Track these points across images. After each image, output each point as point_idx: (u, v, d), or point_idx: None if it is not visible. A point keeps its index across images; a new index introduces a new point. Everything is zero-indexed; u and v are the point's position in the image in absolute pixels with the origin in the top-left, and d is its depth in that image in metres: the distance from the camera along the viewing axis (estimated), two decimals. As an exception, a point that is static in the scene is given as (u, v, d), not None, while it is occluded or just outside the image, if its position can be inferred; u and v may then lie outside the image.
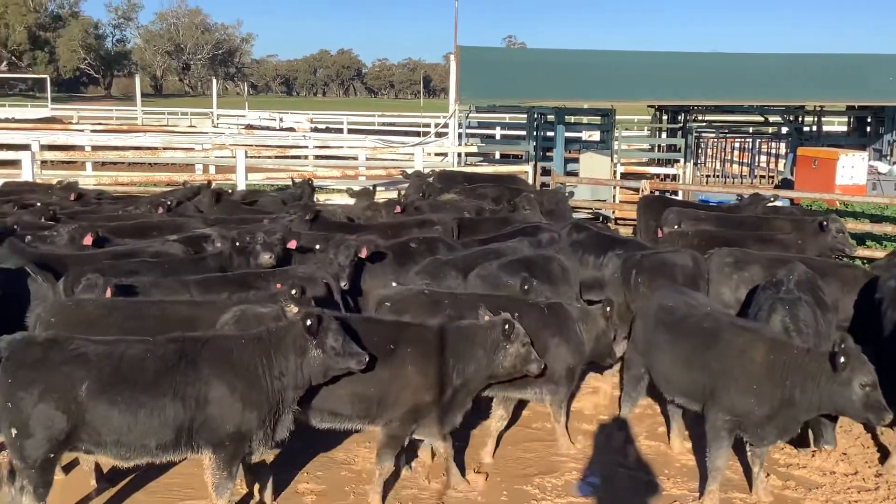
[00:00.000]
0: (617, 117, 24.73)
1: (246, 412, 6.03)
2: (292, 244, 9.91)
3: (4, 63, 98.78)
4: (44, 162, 18.71)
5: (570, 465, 7.67)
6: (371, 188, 14.93)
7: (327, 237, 10.17)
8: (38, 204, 12.56)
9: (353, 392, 6.65)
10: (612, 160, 22.41)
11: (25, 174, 16.86)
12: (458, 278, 9.10)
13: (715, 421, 6.86)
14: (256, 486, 6.80)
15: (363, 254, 9.37)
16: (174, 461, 6.46)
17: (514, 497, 7.08)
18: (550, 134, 22.81)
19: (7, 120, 36.71)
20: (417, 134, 35.22)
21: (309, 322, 6.09)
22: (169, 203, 12.94)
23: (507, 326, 6.80)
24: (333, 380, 6.44)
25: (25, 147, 18.52)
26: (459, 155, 23.61)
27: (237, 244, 9.42)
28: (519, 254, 9.69)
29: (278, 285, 7.52)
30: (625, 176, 23.14)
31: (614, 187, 20.44)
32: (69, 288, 8.02)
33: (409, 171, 17.25)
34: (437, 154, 24.78)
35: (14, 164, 20.00)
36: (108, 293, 7.65)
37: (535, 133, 23.47)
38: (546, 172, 20.98)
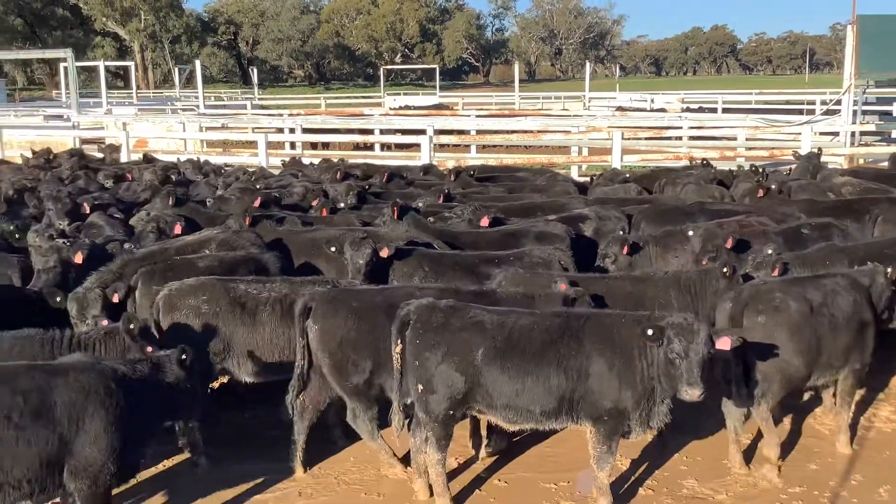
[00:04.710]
0: None
1: (622, 390, 6.14)
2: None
3: (399, 55, 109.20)
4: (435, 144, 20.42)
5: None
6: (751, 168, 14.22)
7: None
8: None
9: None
10: None
11: (424, 156, 18.58)
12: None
13: None
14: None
15: (728, 244, 9.09)
16: (556, 429, 6.75)
17: None
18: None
19: (406, 107, 40.56)
20: (800, 112, 32.74)
21: (649, 332, 6.00)
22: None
23: None
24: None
25: (422, 132, 20.33)
26: (853, 135, 21.53)
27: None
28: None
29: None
30: None
31: None
32: None
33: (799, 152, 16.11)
34: (822, 133, 22.82)
35: (411, 147, 22.14)
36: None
37: (950, 109, 20.65)
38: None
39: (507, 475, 7.09)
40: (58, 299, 7.75)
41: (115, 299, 7.59)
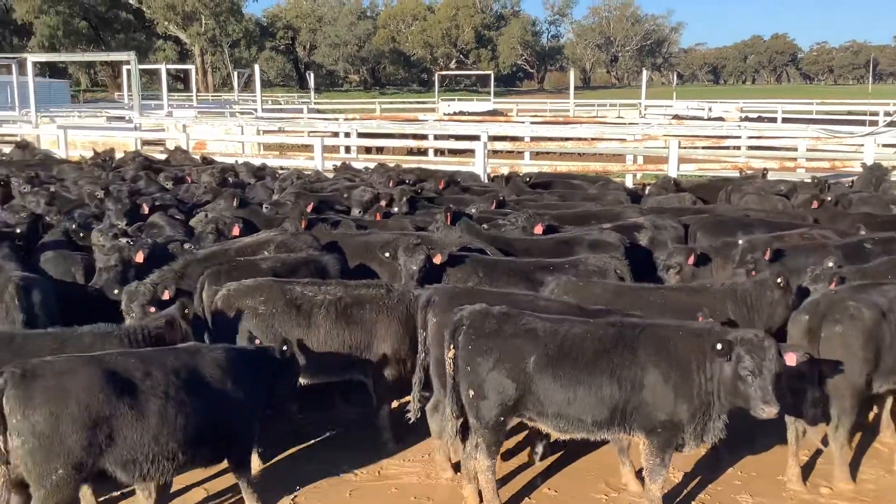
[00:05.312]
0: None
1: (678, 403, 6.05)
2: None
3: (454, 61, 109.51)
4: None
5: None
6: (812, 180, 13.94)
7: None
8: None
9: None
10: None
11: (478, 162, 18.56)
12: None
13: None
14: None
15: (766, 256, 8.96)
16: (607, 440, 6.69)
17: None
18: None
19: (461, 113, 40.69)
20: (863, 123, 32.03)
21: (719, 346, 5.90)
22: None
23: None
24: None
25: (476, 138, 20.31)
26: (917, 146, 20.97)
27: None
28: None
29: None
30: None
31: None
32: None
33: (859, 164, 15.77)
34: (886, 145, 22.24)
35: (465, 153, 22.17)
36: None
37: None
38: None
39: (558, 483, 7.05)
40: (115, 291, 8.10)
41: (166, 296, 7.73)
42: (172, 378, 5.76)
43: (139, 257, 8.71)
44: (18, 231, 9.94)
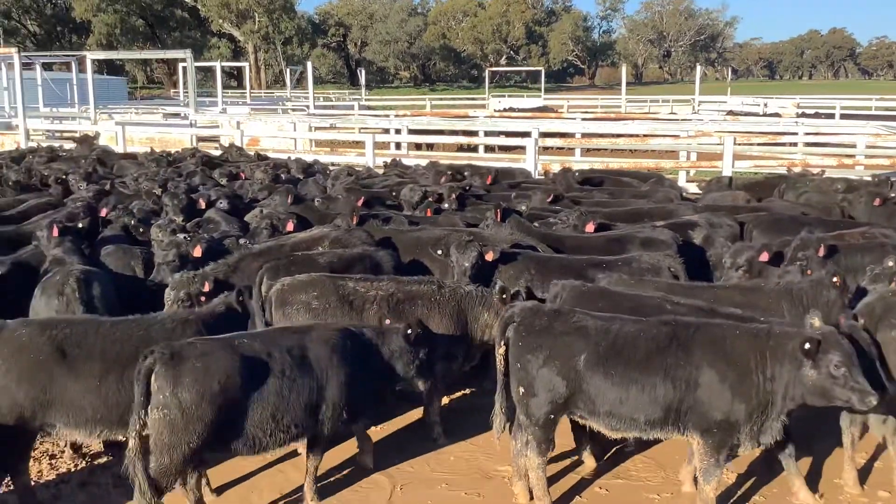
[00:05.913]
0: None
1: (735, 402, 5.96)
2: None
3: (504, 57, 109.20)
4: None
5: None
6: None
7: None
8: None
9: None
10: None
11: (529, 159, 18.51)
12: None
13: None
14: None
15: (820, 253, 8.79)
16: (660, 439, 6.63)
17: None
18: None
19: (511, 109, 40.58)
20: (925, 119, 31.11)
21: (807, 346, 5.79)
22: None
23: None
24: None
25: (527, 134, 20.24)
26: (983, 143, 20.31)
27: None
28: None
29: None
30: None
31: None
32: None
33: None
34: (950, 142, 21.59)
35: (516, 149, 22.10)
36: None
37: None
38: None
39: (609, 482, 7.02)
40: (170, 279, 8.28)
41: (206, 288, 7.82)
42: (290, 358, 6.11)
43: (197, 252, 8.88)
44: (80, 226, 10.16)
